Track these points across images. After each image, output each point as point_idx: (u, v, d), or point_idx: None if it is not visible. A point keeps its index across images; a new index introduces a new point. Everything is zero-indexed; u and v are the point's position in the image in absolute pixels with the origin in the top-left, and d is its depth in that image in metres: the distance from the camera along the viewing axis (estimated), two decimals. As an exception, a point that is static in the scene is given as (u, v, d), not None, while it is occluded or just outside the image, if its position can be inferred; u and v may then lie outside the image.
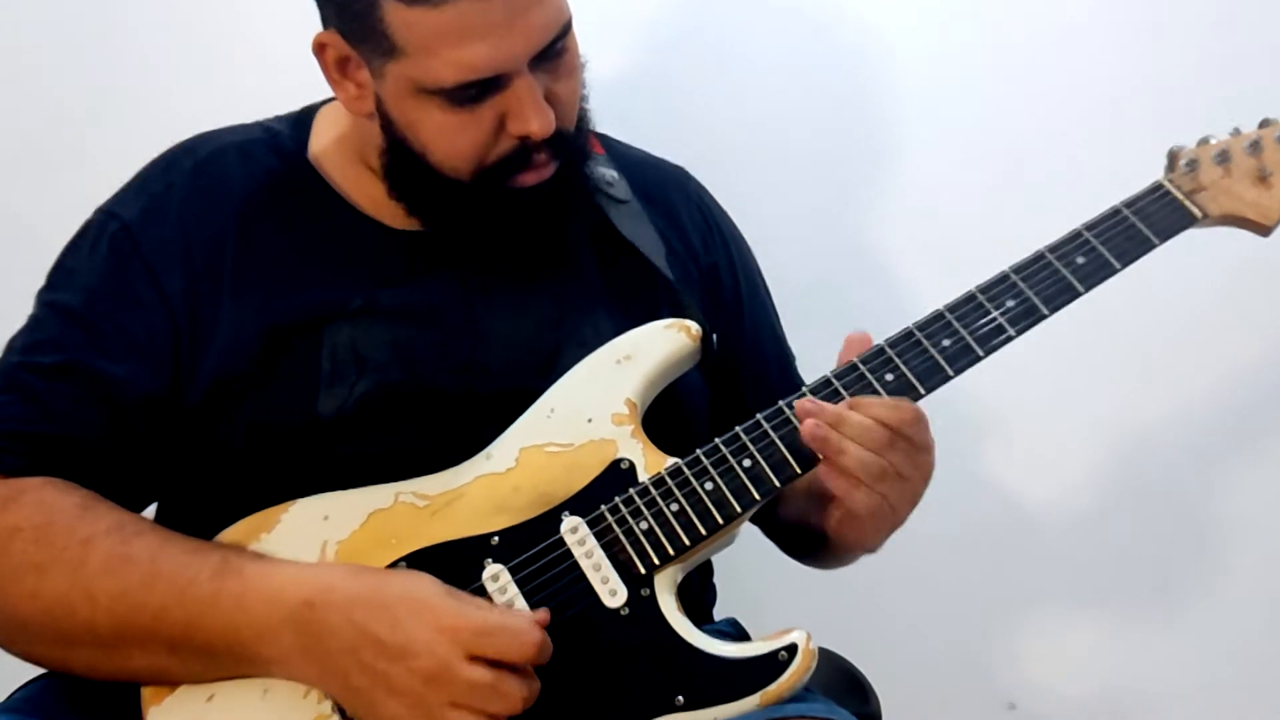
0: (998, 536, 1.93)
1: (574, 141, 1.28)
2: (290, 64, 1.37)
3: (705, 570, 1.42)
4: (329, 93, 1.32)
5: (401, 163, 1.26)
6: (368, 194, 1.31)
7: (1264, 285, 1.85)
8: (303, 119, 1.37)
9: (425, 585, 1.09)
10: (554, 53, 1.21)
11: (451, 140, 1.22)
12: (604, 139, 1.45)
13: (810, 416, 1.15)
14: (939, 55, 1.89)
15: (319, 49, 1.24)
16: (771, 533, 1.48)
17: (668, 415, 1.27)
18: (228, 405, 1.21)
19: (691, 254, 1.43)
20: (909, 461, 1.16)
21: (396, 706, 1.05)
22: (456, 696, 1.04)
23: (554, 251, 1.31)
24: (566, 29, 1.21)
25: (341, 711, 1.10)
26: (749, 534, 1.43)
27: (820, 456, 1.15)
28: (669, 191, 1.47)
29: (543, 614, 1.10)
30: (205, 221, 1.27)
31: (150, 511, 1.29)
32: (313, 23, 1.25)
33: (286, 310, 1.24)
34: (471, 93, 1.18)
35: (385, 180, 1.29)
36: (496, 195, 1.25)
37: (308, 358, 1.23)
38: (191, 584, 1.11)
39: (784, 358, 1.51)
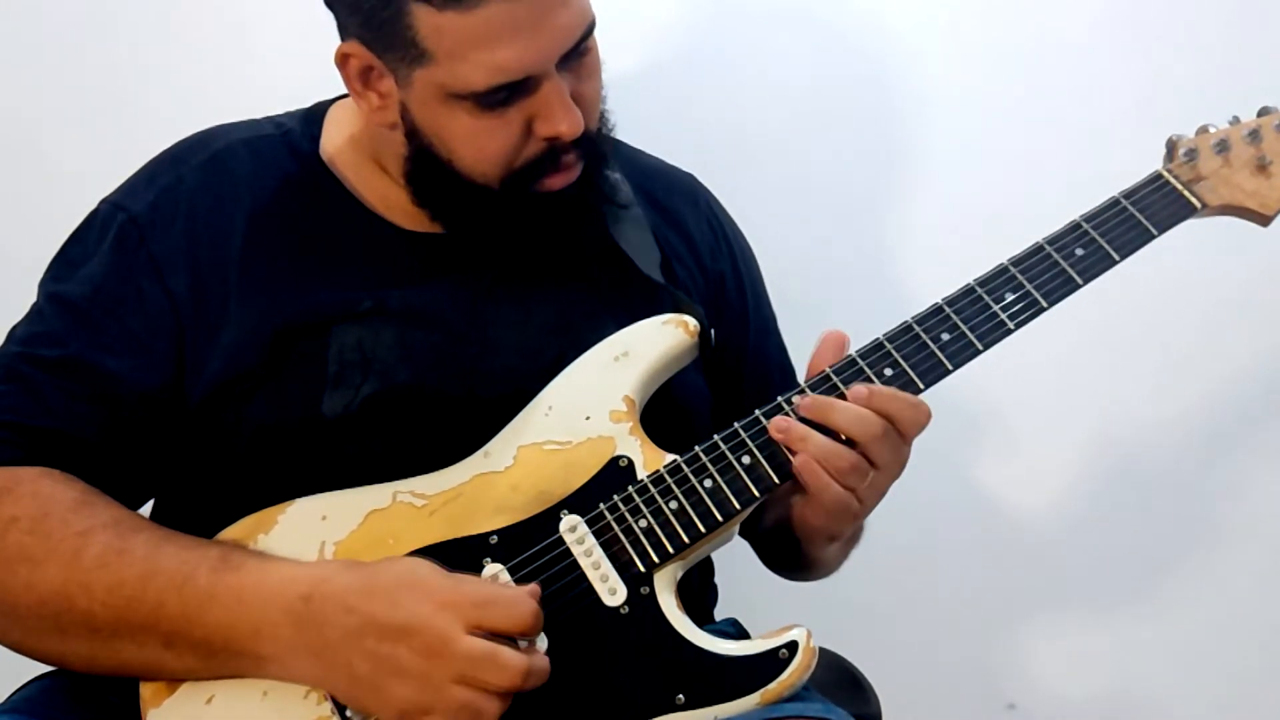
0: (998, 536, 1.94)
1: (598, 143, 1.28)
2: (288, 63, 1.37)
3: (706, 570, 1.42)
4: (329, 92, 1.32)
5: (427, 170, 1.26)
6: (379, 194, 1.31)
7: (1267, 284, 1.85)
8: (313, 116, 1.37)
9: (420, 566, 1.10)
10: (579, 53, 1.21)
11: (481, 145, 1.22)
12: (614, 143, 1.44)
13: (807, 411, 1.17)
14: (941, 51, 1.89)
15: (342, 60, 1.24)
16: (756, 544, 1.49)
17: (669, 418, 1.27)
18: (232, 404, 1.21)
19: (698, 261, 1.43)
20: (893, 455, 1.18)
21: (402, 688, 1.05)
22: (458, 671, 1.03)
23: (563, 258, 1.31)
24: (591, 29, 1.22)
25: (341, 711, 1.10)
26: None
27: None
28: (679, 200, 1.47)
29: (534, 588, 1.10)
30: (214, 218, 1.27)
31: (146, 510, 1.29)
32: (311, 22, 1.25)
33: (295, 310, 1.23)
34: (501, 96, 1.19)
35: (408, 188, 1.28)
36: (523, 200, 1.25)
37: (314, 358, 1.22)
38: (189, 579, 1.10)
39: (786, 368, 1.52)
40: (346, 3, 1.21)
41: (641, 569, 1.15)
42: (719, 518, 1.17)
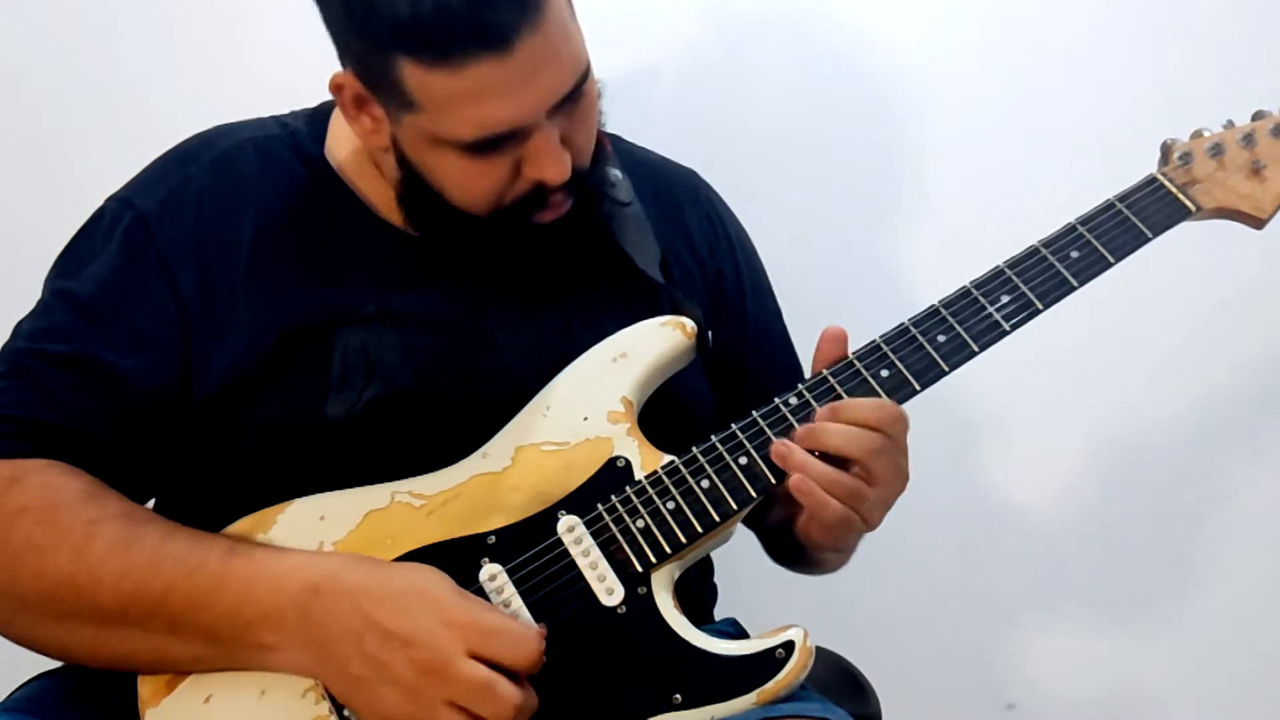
0: (997, 536, 1.94)
1: (589, 178, 1.27)
2: (288, 64, 1.37)
3: (705, 570, 1.42)
4: (328, 93, 1.32)
5: (417, 195, 1.26)
6: (383, 198, 1.30)
7: (1264, 285, 1.85)
8: (318, 117, 1.36)
9: (435, 579, 1.10)
10: (572, 98, 1.19)
11: (469, 184, 1.22)
12: (614, 139, 1.45)
13: (802, 443, 1.16)
14: (940, 54, 1.90)
15: (336, 89, 1.23)
16: (761, 537, 1.49)
17: (669, 420, 1.28)
18: (235, 405, 1.21)
19: (697, 259, 1.43)
20: (891, 466, 1.17)
21: (392, 696, 1.05)
22: (452, 694, 1.04)
23: (563, 263, 1.31)
24: (584, 76, 1.20)
25: (339, 711, 1.10)
26: (750, 534, 1.45)
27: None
28: (678, 195, 1.47)
29: (542, 628, 1.10)
30: (222, 218, 1.27)
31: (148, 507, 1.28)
32: (312, 20, 1.25)
33: (300, 312, 1.23)
34: (489, 145, 1.18)
35: (400, 207, 1.28)
36: (513, 229, 1.25)
37: (318, 361, 1.22)
38: (200, 565, 1.11)
39: (790, 364, 1.51)
40: (340, 40, 1.19)
41: (639, 569, 1.16)
42: (715, 518, 1.17)
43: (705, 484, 1.18)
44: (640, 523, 1.17)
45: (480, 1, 1.09)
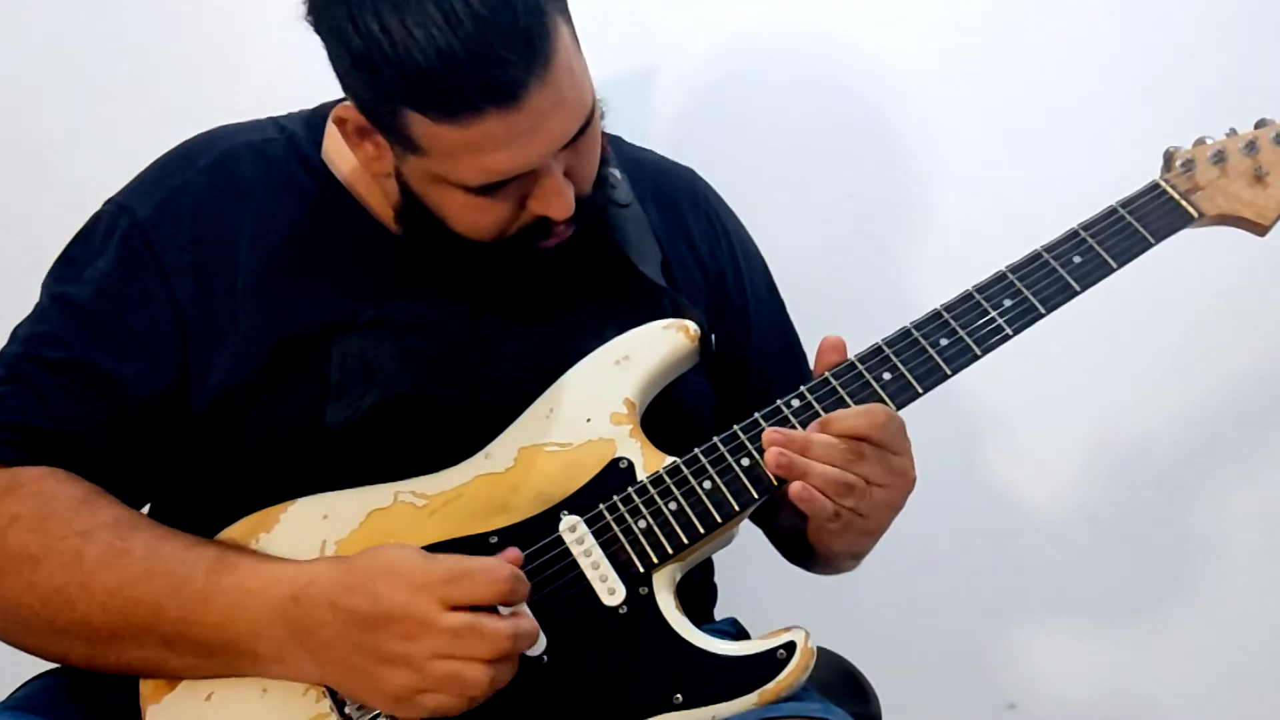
0: (998, 537, 1.94)
1: (592, 203, 1.26)
2: (288, 64, 1.37)
3: (706, 569, 1.42)
4: (327, 95, 1.32)
5: (418, 220, 1.25)
6: (381, 203, 1.29)
7: (1265, 290, 1.86)
8: (315, 121, 1.34)
9: (394, 553, 1.09)
10: (577, 135, 1.18)
11: (473, 219, 1.21)
12: (614, 140, 1.44)
13: (776, 445, 1.16)
14: (941, 56, 1.90)
15: (339, 122, 1.22)
16: (772, 538, 1.49)
17: (672, 421, 1.28)
18: (234, 412, 1.21)
19: (698, 260, 1.43)
20: (882, 468, 1.16)
21: (394, 676, 1.05)
22: (439, 647, 1.04)
23: (564, 272, 1.30)
24: (591, 115, 1.19)
25: (340, 709, 1.11)
26: (750, 534, 1.44)
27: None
28: (677, 196, 1.46)
29: (513, 553, 1.10)
30: (220, 223, 1.26)
31: (145, 511, 1.29)
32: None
33: (298, 319, 1.23)
34: (494, 186, 1.17)
35: (399, 225, 1.27)
36: (516, 254, 1.25)
37: (317, 368, 1.22)
38: (187, 581, 1.11)
39: (794, 362, 1.50)
40: (345, 82, 1.18)
41: (640, 569, 1.16)
42: (718, 519, 1.17)
43: (707, 485, 1.18)
44: (642, 523, 1.17)
45: (488, 58, 1.07)
